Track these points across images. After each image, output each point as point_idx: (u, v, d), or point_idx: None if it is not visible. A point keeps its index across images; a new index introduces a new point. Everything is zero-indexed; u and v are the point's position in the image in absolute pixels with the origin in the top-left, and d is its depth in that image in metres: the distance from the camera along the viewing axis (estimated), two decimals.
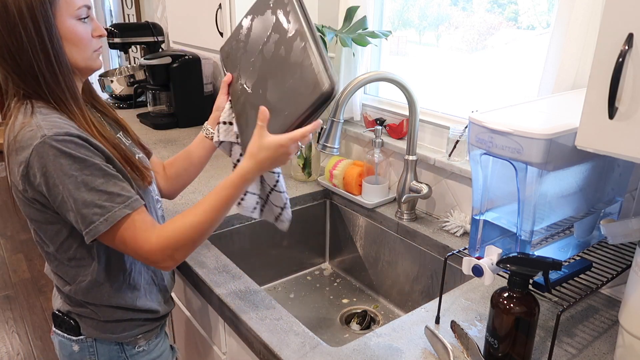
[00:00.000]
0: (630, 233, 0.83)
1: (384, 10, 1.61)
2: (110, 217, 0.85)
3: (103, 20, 4.05)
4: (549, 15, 1.24)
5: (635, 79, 0.63)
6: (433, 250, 1.33)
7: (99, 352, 1.03)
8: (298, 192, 1.60)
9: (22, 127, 0.85)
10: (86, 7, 0.91)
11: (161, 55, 2.24)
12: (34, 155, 0.83)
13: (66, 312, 1.02)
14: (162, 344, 1.13)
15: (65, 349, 1.04)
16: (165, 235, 0.89)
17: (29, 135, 0.83)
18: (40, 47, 0.85)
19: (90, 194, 0.84)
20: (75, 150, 0.83)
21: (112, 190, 0.86)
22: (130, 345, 1.05)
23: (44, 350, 2.41)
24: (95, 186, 0.85)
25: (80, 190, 0.84)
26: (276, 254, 1.58)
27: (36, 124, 0.84)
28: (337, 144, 1.23)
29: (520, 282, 0.81)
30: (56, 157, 0.82)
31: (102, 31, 0.95)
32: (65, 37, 0.88)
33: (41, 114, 0.86)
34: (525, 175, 0.79)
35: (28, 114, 0.87)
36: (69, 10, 0.88)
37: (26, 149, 0.83)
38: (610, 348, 0.92)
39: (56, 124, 0.84)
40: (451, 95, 1.51)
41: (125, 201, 0.87)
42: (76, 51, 0.90)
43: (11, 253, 3.22)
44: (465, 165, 1.33)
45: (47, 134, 0.82)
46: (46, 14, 0.85)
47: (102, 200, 0.85)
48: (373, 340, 0.94)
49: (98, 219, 0.85)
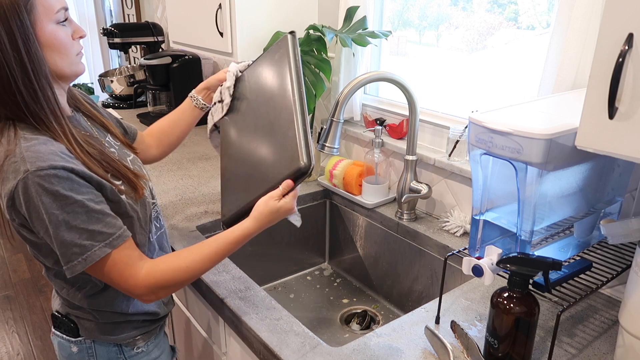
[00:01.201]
0: (630, 233, 0.83)
1: (384, 10, 1.61)
2: (90, 256, 0.84)
3: (103, 20, 4.05)
4: (549, 15, 1.24)
5: (635, 79, 0.63)
6: (433, 250, 1.33)
7: (97, 353, 1.03)
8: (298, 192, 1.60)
9: (7, 156, 0.82)
10: (64, 9, 0.86)
11: (161, 55, 2.24)
12: (18, 189, 0.80)
13: (65, 313, 1.02)
14: (161, 344, 1.13)
15: (64, 350, 1.04)
16: (154, 275, 0.89)
17: (13, 168, 0.81)
18: (17, 61, 0.80)
19: (70, 233, 0.82)
20: (58, 185, 0.80)
21: (93, 229, 0.83)
22: (129, 347, 1.05)
23: (44, 350, 2.41)
24: (75, 224, 0.82)
25: (60, 229, 0.81)
26: (276, 254, 1.58)
27: (20, 155, 0.81)
28: (337, 144, 1.23)
29: (520, 282, 0.81)
30: (38, 194, 0.79)
31: (82, 32, 0.90)
32: (48, 44, 0.83)
33: (25, 139, 0.82)
34: (525, 175, 0.79)
35: (12, 138, 0.83)
36: (48, 15, 0.83)
37: (11, 181, 0.81)
38: (610, 348, 0.92)
39: (40, 156, 0.80)
40: (451, 95, 1.51)
41: (107, 239, 0.85)
42: (60, 58, 0.86)
43: (11, 253, 3.22)
44: (465, 165, 1.33)
45: (30, 169, 0.79)
46: (22, 24, 0.79)
47: (82, 239, 0.83)
48: (373, 340, 0.94)
49: (76, 259, 0.83)
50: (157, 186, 1.61)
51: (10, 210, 0.84)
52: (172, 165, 1.80)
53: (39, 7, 0.81)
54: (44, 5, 0.82)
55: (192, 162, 1.82)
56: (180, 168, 1.78)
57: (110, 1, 3.91)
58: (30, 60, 0.81)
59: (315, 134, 1.66)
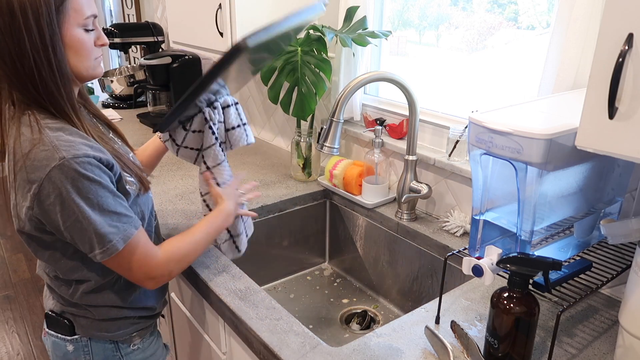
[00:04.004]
0: (630, 233, 0.83)
1: (384, 10, 1.61)
2: (125, 235, 0.89)
3: (103, 20, 4.05)
4: (549, 15, 1.24)
5: (635, 79, 0.63)
6: (433, 250, 1.33)
7: (93, 351, 1.03)
8: (298, 192, 1.60)
9: (34, 144, 0.84)
10: (93, 16, 0.90)
11: (161, 55, 2.24)
12: (51, 176, 0.82)
13: (60, 312, 1.02)
14: (155, 342, 1.14)
15: (59, 349, 1.04)
16: (169, 250, 0.98)
17: (43, 155, 0.83)
18: (44, 55, 0.85)
19: (104, 215, 0.87)
20: (92, 172, 0.85)
21: (120, 211, 0.89)
22: (125, 344, 1.06)
23: (44, 350, 2.40)
24: (108, 207, 0.87)
25: (96, 212, 0.86)
26: (276, 254, 1.58)
27: (51, 143, 0.84)
28: (337, 144, 1.23)
29: (520, 282, 0.81)
30: (74, 180, 0.83)
31: (105, 40, 0.95)
32: (70, 45, 0.88)
33: (50, 129, 0.86)
34: (525, 175, 0.79)
35: (35, 129, 0.86)
36: (77, 19, 0.87)
37: (41, 169, 0.83)
38: (610, 348, 0.92)
39: (72, 145, 0.85)
40: (451, 95, 1.51)
41: (131, 221, 0.91)
42: (79, 60, 0.90)
43: (11, 253, 3.22)
44: (465, 165, 1.33)
45: (67, 157, 0.83)
46: (52, 22, 0.84)
47: (114, 220, 0.88)
48: (373, 340, 0.94)
49: (115, 237, 0.88)
50: (157, 186, 1.62)
51: (34, 198, 0.85)
52: (172, 165, 1.80)
53: (70, 10, 0.86)
54: (75, 9, 0.87)
55: None
56: (180, 168, 1.78)
57: (110, 1, 3.91)
58: (55, 57, 0.86)
59: (315, 134, 1.66)
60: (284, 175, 1.74)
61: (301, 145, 1.65)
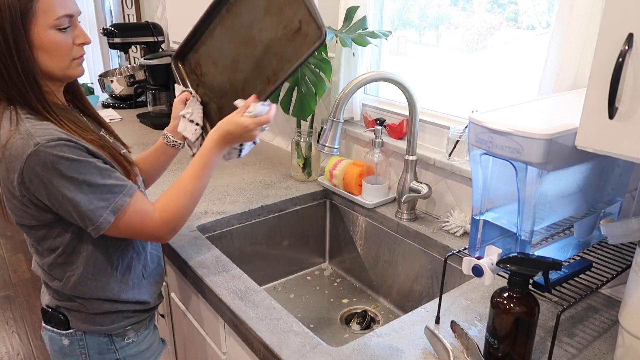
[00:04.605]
0: (630, 233, 0.83)
1: (384, 10, 1.61)
2: (115, 207, 0.90)
3: (103, 20, 4.05)
4: (549, 15, 1.24)
5: (635, 79, 0.63)
6: (433, 250, 1.33)
7: (88, 345, 1.04)
8: (298, 192, 1.60)
9: (11, 135, 0.86)
10: (67, 16, 0.90)
11: (161, 55, 2.24)
12: (30, 162, 0.84)
13: (55, 307, 1.03)
14: (151, 336, 1.15)
15: (55, 343, 1.05)
16: (164, 209, 0.98)
17: (19, 144, 0.85)
18: (9, 58, 0.86)
19: (92, 191, 0.88)
20: (69, 152, 0.86)
21: (110, 183, 0.90)
22: (120, 337, 1.07)
23: (44, 350, 2.40)
24: (95, 182, 0.88)
25: (83, 190, 0.87)
26: (276, 254, 1.58)
27: (25, 131, 0.85)
28: (337, 144, 1.23)
29: (520, 282, 0.81)
30: (53, 163, 0.84)
31: (86, 38, 0.94)
32: (41, 46, 0.88)
33: (29, 121, 0.87)
34: (525, 175, 0.79)
35: (14, 121, 0.87)
36: (47, 20, 0.87)
37: (19, 157, 0.84)
38: (610, 348, 0.92)
39: (46, 131, 0.86)
40: (451, 95, 1.51)
41: (123, 189, 0.92)
42: (52, 60, 0.90)
43: (11, 253, 3.22)
44: (465, 165, 1.33)
45: (40, 142, 0.84)
46: (14, 25, 0.84)
47: (103, 193, 0.89)
48: (373, 340, 0.94)
49: (104, 212, 0.89)
50: (156, 186, 1.61)
51: (20, 186, 0.87)
52: (172, 165, 1.79)
53: (39, 12, 0.86)
54: (44, 10, 0.87)
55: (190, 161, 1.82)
56: (180, 168, 1.78)
57: (110, 1, 3.91)
58: (20, 60, 0.87)
59: (315, 134, 1.66)
60: (284, 175, 1.74)
61: (301, 145, 1.65)
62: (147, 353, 1.13)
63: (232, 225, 1.45)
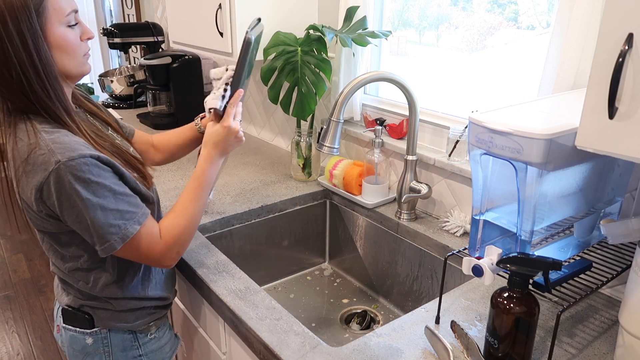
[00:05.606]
0: (630, 233, 0.83)
1: (384, 10, 1.61)
2: (125, 234, 0.90)
3: (103, 20, 4.05)
4: (549, 15, 1.24)
5: (635, 79, 0.63)
6: (433, 250, 1.33)
7: (112, 342, 1.05)
8: (298, 192, 1.60)
9: (32, 149, 0.85)
10: (74, 11, 0.90)
11: (161, 55, 2.24)
12: (50, 180, 0.84)
13: (78, 306, 1.04)
14: (169, 331, 1.17)
15: (77, 343, 1.05)
16: (169, 234, 0.98)
17: (41, 160, 0.84)
18: (29, 62, 0.84)
19: (105, 215, 0.88)
20: (88, 173, 0.85)
21: (122, 209, 0.90)
22: (143, 334, 1.09)
23: (44, 350, 2.41)
24: (108, 207, 0.88)
25: (97, 213, 0.87)
26: (276, 254, 1.58)
27: (46, 147, 0.84)
28: (337, 144, 1.23)
29: (520, 282, 0.81)
30: (71, 183, 0.84)
31: (91, 33, 0.94)
32: (56, 45, 0.87)
33: (46, 132, 0.86)
34: (525, 175, 0.79)
35: (32, 134, 0.86)
36: (58, 17, 0.86)
37: (39, 172, 0.84)
38: (610, 348, 0.92)
39: (67, 146, 0.85)
40: (451, 95, 1.51)
41: (134, 217, 0.91)
42: (67, 58, 0.90)
43: (11, 253, 3.22)
44: (465, 165, 1.33)
45: (62, 160, 0.83)
46: (33, 26, 0.83)
47: (115, 219, 0.89)
48: (373, 340, 0.94)
49: (113, 238, 0.89)
50: (157, 186, 1.61)
51: (38, 202, 0.87)
52: (172, 165, 1.80)
53: (50, 9, 0.85)
54: (55, 7, 0.86)
55: (192, 162, 1.82)
56: (180, 168, 1.78)
57: (110, 1, 3.91)
58: (41, 61, 0.85)
59: (315, 134, 1.66)
60: (284, 175, 1.74)
61: (301, 145, 1.65)
62: (166, 348, 1.15)
63: (232, 225, 1.46)
